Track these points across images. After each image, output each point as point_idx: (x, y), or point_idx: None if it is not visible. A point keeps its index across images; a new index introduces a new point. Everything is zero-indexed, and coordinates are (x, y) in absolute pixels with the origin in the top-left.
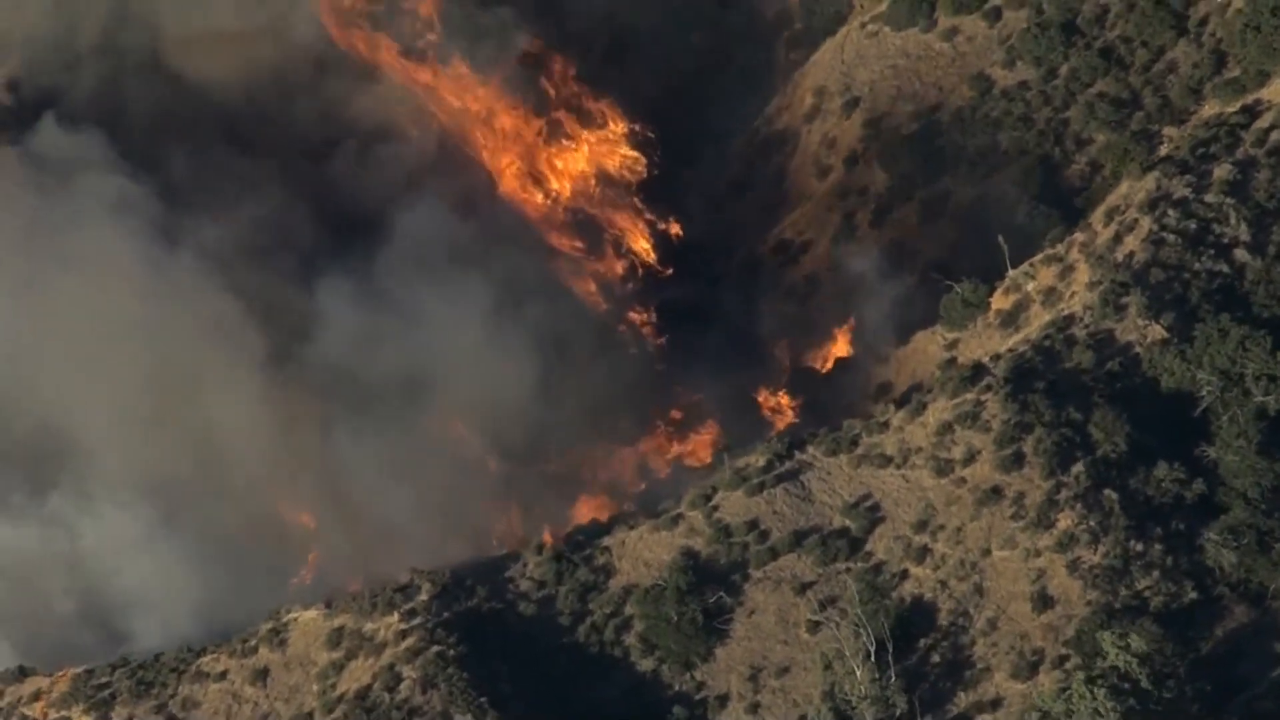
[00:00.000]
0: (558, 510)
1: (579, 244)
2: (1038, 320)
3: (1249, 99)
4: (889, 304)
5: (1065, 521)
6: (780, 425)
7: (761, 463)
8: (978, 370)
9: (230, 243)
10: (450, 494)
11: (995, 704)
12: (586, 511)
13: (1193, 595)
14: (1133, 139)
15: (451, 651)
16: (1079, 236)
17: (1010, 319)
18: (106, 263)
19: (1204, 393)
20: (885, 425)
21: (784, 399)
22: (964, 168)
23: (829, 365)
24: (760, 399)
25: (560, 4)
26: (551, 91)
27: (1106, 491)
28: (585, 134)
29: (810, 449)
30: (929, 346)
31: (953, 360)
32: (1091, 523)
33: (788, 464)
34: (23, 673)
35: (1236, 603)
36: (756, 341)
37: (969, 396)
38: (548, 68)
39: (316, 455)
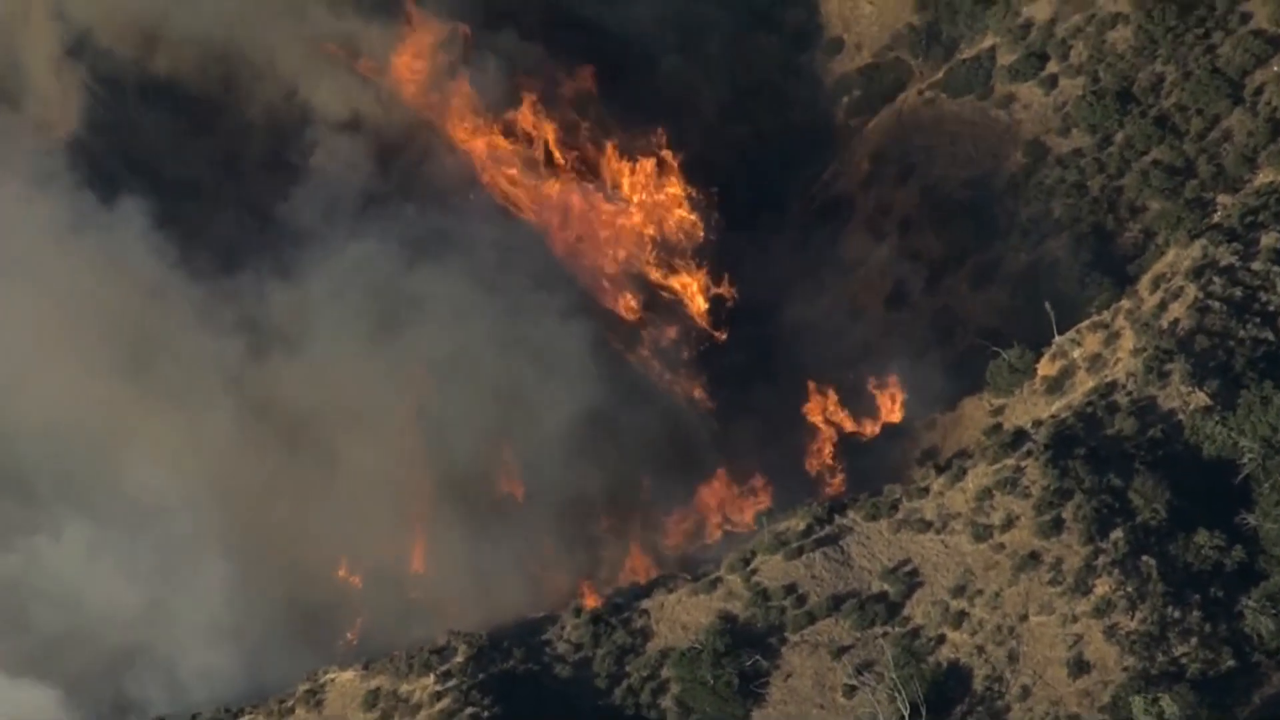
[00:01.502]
0: (603, 573)
1: (632, 305)
2: (1082, 387)
3: None
4: (938, 370)
5: (1103, 587)
6: (829, 490)
7: (801, 527)
8: (1018, 436)
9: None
10: (494, 556)
11: None
12: (632, 574)
13: (1231, 662)
14: (1186, 207)
15: (486, 713)
16: (1125, 303)
17: (1056, 385)
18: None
19: (1245, 460)
20: (925, 490)
21: (833, 464)
22: (1016, 235)
23: (878, 430)
24: (809, 464)
25: (620, 66)
26: (609, 151)
27: (1145, 558)
28: (643, 195)
29: (850, 513)
30: (976, 413)
31: (997, 426)
32: (1129, 589)
33: (827, 528)
34: None
35: (1275, 670)
36: (807, 406)
37: (1009, 462)
38: (609, 127)
39: (359, 515)
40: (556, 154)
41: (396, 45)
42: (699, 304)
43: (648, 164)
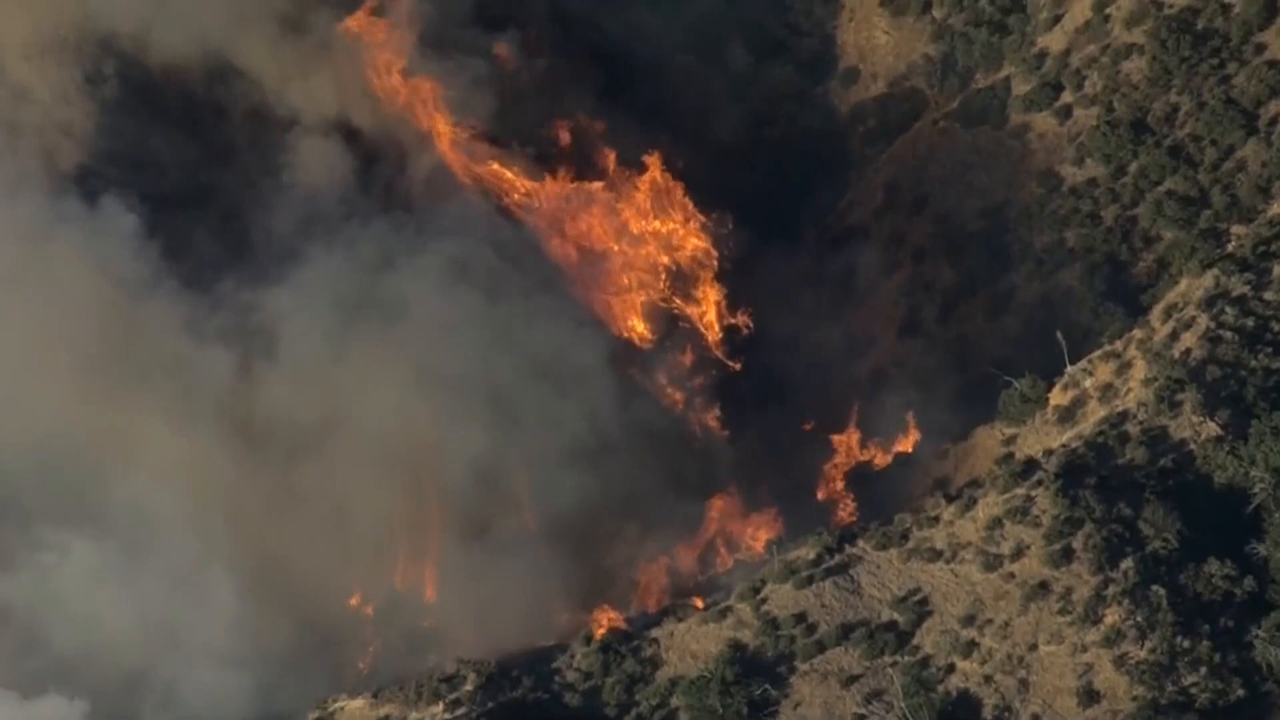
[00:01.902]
0: (613, 600)
1: (647, 334)
2: (1094, 416)
3: None
4: (950, 399)
5: (1112, 617)
6: (840, 519)
7: (811, 556)
8: (1029, 466)
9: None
10: (502, 584)
11: None
12: (642, 602)
13: (1240, 692)
14: (1200, 237)
15: None
16: (1137, 333)
17: (1068, 415)
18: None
19: (1256, 490)
20: (935, 520)
21: (844, 493)
22: (1030, 264)
23: (889, 459)
24: (820, 492)
25: (634, 89)
26: (627, 181)
27: (1154, 588)
28: (658, 223)
29: (860, 543)
30: (988, 442)
31: (1008, 455)
32: (1139, 618)
33: (837, 557)
34: None
35: None
36: (820, 434)
37: (1019, 491)
38: (629, 160)
39: (378, 546)
40: (563, 167)
41: (387, 45)
42: (714, 332)
43: (661, 185)
